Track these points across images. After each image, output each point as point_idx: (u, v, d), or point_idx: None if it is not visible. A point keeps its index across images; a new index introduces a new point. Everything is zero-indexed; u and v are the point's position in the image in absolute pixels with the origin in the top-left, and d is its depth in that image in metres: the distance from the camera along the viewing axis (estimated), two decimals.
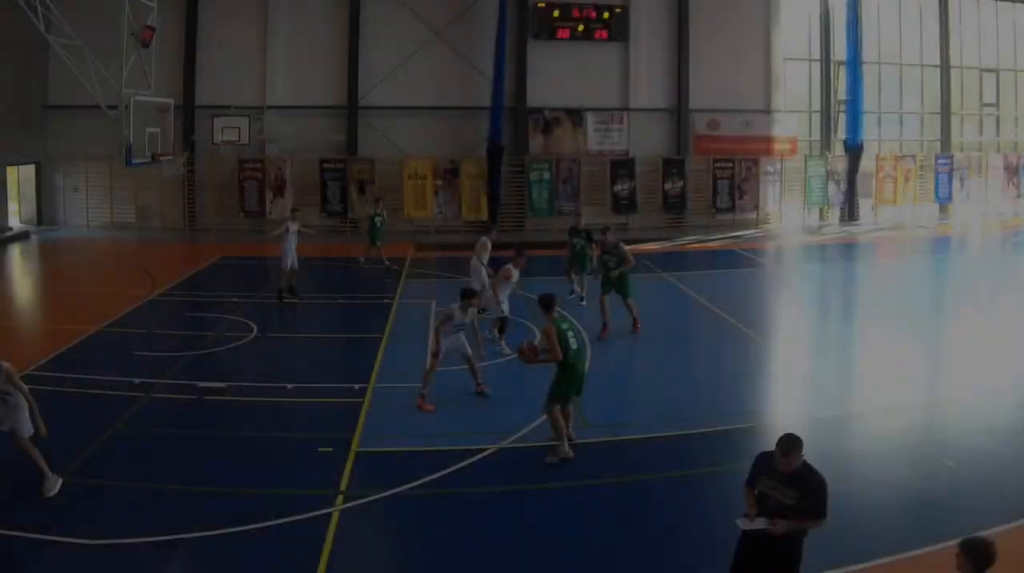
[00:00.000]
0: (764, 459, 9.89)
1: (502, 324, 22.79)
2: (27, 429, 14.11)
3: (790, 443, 9.50)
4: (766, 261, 38.86)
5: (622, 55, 45.97)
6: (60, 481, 14.14)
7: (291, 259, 28.14)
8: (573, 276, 28.79)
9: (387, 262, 34.74)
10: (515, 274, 22.61)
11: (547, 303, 16.64)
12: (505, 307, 22.70)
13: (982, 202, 51.44)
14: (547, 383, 15.98)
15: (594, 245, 27.80)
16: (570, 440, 16.05)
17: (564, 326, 16.02)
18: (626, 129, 46.14)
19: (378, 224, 34.77)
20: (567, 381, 15.78)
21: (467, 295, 19.11)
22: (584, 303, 27.63)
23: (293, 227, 28.59)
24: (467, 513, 13.81)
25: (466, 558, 12.50)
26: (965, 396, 19.65)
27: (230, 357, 22.63)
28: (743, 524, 9.68)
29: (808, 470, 9.64)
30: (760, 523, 9.56)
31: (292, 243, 28.28)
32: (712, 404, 18.79)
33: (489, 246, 26.25)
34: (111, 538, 12.58)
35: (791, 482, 9.52)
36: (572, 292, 28.52)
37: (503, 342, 22.55)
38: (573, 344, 15.95)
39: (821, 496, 9.53)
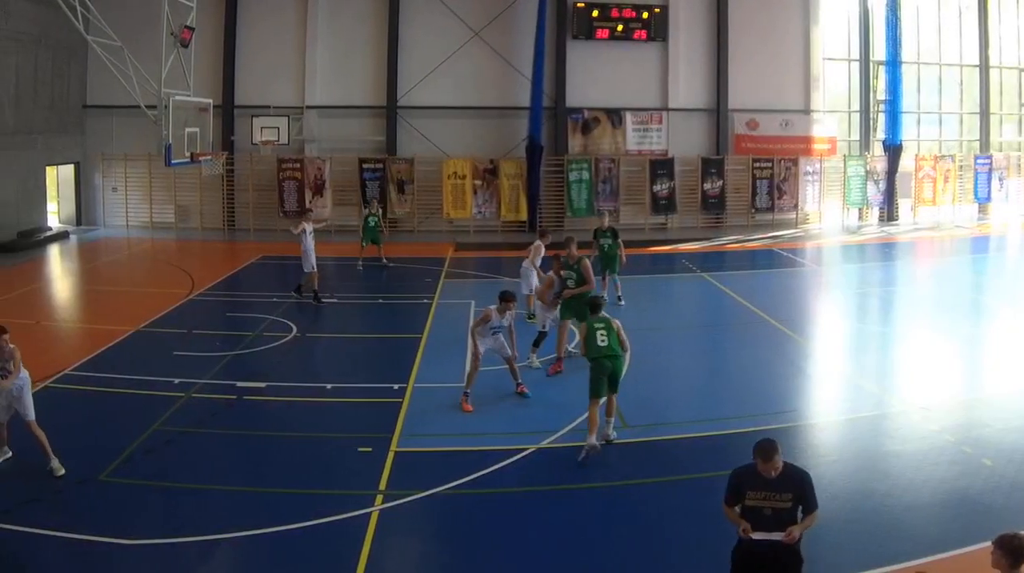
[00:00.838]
0: (745, 473, 9.64)
1: (539, 338, 21.75)
2: (32, 412, 14.58)
3: (770, 447, 9.35)
4: (805, 261, 38.18)
5: (661, 55, 45.44)
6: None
7: (313, 260, 28.02)
8: (607, 277, 27.72)
9: (362, 263, 34.65)
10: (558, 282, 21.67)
11: (594, 305, 17.51)
12: (551, 319, 21.71)
13: (1021, 202, 50.47)
14: (578, 391, 16.79)
15: (620, 247, 27.57)
16: (607, 441, 16.29)
17: (597, 326, 16.57)
18: (665, 129, 45.62)
19: (372, 224, 34.55)
20: (596, 375, 16.05)
21: (505, 298, 18.77)
22: (622, 303, 27.41)
23: (309, 227, 28.41)
24: (506, 513, 13.69)
25: (506, 558, 12.38)
26: (1003, 395, 19.30)
27: (269, 357, 22.43)
28: (759, 535, 9.39)
29: (793, 468, 9.57)
30: (774, 537, 9.34)
31: (311, 243, 28.10)
32: (752, 404, 18.61)
33: (543, 251, 25.43)
34: (151, 538, 12.52)
35: (782, 485, 9.38)
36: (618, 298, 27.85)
37: (534, 354, 21.52)
38: (601, 342, 16.30)
39: (812, 489, 9.50)
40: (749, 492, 9.44)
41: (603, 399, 16.07)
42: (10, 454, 14.84)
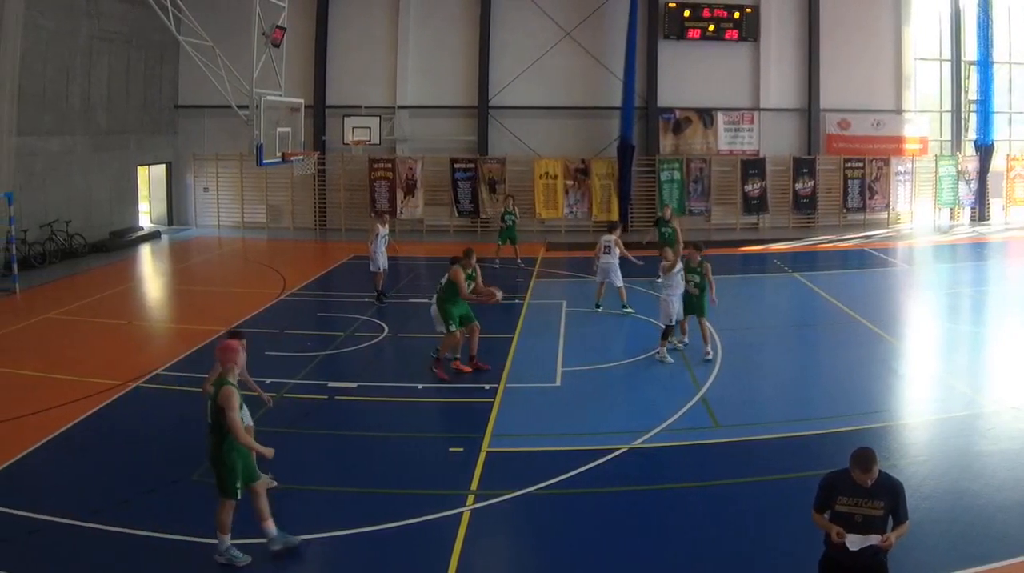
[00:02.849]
0: (838, 479, 9.22)
1: (666, 330, 21.41)
2: None
3: (870, 458, 8.96)
4: (897, 261, 36.91)
5: (752, 55, 44.11)
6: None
7: (383, 261, 27.48)
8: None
9: (499, 263, 33.61)
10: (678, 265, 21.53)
11: (699, 246, 21.77)
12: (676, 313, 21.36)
13: None
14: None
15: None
16: (706, 358, 20.88)
17: (691, 276, 21.13)
18: (757, 129, 44.26)
19: (509, 223, 33.59)
20: (684, 305, 21.24)
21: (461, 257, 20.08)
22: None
23: (383, 231, 27.76)
24: (598, 513, 13.30)
25: (597, 558, 12.00)
26: None
27: (361, 357, 22.09)
28: (854, 544, 8.94)
29: (888, 477, 9.17)
30: (871, 540, 8.93)
31: (382, 246, 27.51)
32: (843, 403, 18.18)
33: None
34: (242, 538, 12.06)
35: (876, 493, 9.02)
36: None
37: (664, 348, 21.28)
38: (693, 291, 21.01)
39: (905, 499, 9.17)
40: (841, 497, 9.09)
41: (686, 319, 21.60)
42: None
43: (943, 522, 12.43)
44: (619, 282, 25.81)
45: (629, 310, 25.80)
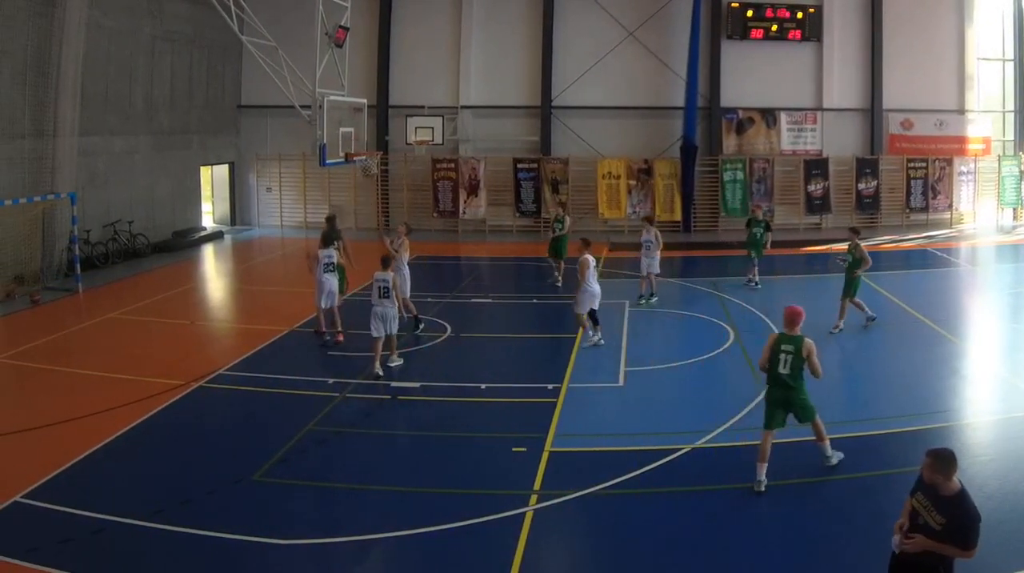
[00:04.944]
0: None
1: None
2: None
3: (934, 461, 8.56)
4: (959, 261, 35.84)
5: (815, 55, 42.93)
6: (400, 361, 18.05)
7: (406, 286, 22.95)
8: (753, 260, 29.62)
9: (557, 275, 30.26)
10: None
11: (857, 230, 24.40)
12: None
13: None
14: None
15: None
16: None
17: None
18: (819, 129, 43.11)
19: (558, 232, 30.01)
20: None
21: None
22: (759, 286, 29.09)
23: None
24: (661, 513, 13.05)
25: (660, 558, 11.76)
26: None
27: (423, 357, 21.68)
28: (895, 545, 8.82)
29: (961, 500, 8.53)
30: (911, 543, 8.65)
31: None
32: (906, 403, 17.74)
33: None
34: (305, 538, 12.24)
35: (941, 506, 8.53)
36: (750, 280, 29.53)
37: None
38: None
39: (967, 531, 8.45)
40: (918, 493, 8.82)
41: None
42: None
43: (1007, 522, 11.99)
44: (647, 271, 26.85)
45: (644, 302, 26.67)
